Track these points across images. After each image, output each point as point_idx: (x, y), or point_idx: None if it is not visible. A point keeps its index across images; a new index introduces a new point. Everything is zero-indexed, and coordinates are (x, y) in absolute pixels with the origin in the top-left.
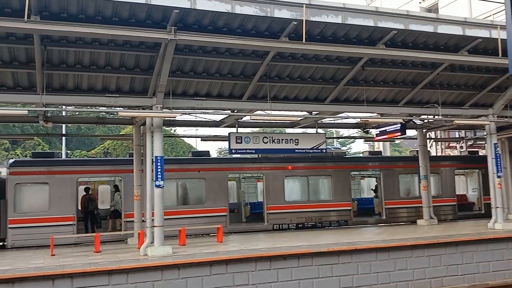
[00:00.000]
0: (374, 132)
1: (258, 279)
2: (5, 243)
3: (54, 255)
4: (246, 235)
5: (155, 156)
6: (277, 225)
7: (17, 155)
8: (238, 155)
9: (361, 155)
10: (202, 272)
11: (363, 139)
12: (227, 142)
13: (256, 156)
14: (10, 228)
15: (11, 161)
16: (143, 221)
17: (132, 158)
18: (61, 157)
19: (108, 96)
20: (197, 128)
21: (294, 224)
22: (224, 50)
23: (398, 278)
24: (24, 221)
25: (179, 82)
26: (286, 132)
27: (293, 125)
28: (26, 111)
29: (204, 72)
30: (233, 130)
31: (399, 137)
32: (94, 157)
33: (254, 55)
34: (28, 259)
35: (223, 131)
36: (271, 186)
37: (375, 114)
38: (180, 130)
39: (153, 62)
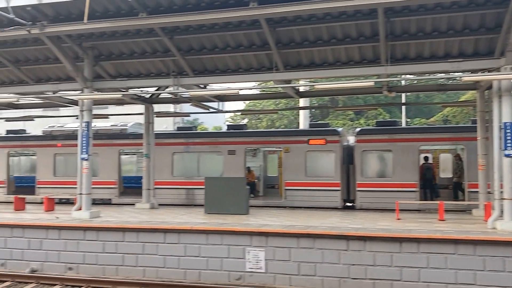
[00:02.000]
0: None
1: None
2: (354, 204)
3: (399, 219)
4: None
5: (504, 123)
6: None
7: (361, 124)
8: None
9: None
10: None
11: None
12: None
13: None
14: (358, 191)
15: (357, 129)
16: (489, 192)
17: (475, 125)
18: (402, 126)
19: (451, 62)
20: None
21: None
22: None
23: None
24: (370, 185)
25: None
26: None
27: None
28: (373, 82)
29: None
30: None
31: None
32: (434, 125)
33: None
34: (375, 220)
35: None
36: None
37: None
38: None
39: (501, 19)
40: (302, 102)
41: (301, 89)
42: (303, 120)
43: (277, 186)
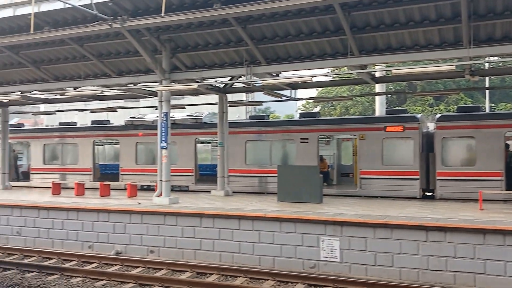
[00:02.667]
0: None
1: None
2: (433, 194)
3: (482, 209)
4: None
5: None
6: None
7: (441, 110)
8: None
9: None
10: None
11: None
12: None
13: None
14: (438, 180)
15: (438, 115)
16: None
17: None
18: (485, 111)
19: None
20: None
21: None
22: None
23: None
24: (451, 174)
25: None
26: None
27: None
28: (453, 66)
29: None
30: None
31: None
32: None
33: None
34: (456, 211)
35: None
36: None
37: None
38: None
39: None
40: (378, 87)
41: (377, 74)
42: (379, 107)
43: (351, 175)
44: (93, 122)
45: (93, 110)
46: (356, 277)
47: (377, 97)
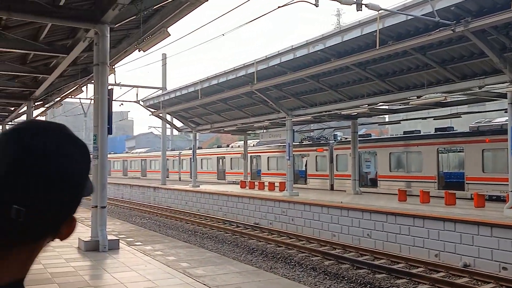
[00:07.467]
0: None
1: None
2: None
3: None
4: None
5: None
6: None
7: None
8: None
9: None
10: None
11: None
12: None
13: None
14: None
15: None
16: None
17: None
18: None
19: None
20: None
21: None
22: None
23: None
24: None
25: None
26: None
27: None
28: None
29: None
30: None
31: None
32: None
33: None
34: None
35: None
36: None
37: None
38: None
39: None
40: None
41: None
42: None
43: None
44: (436, 129)
45: (436, 118)
46: None
47: None
